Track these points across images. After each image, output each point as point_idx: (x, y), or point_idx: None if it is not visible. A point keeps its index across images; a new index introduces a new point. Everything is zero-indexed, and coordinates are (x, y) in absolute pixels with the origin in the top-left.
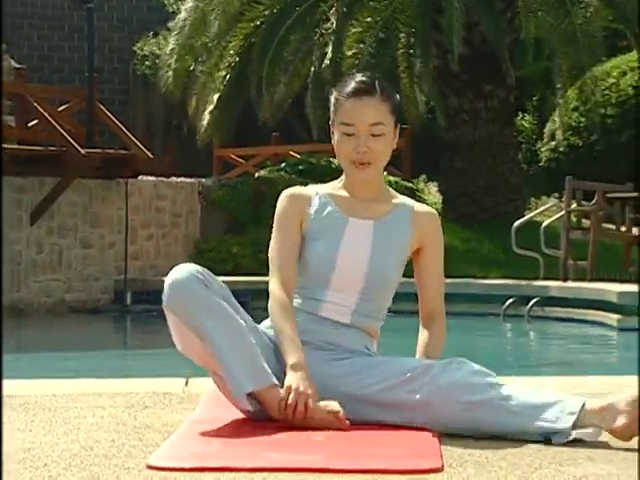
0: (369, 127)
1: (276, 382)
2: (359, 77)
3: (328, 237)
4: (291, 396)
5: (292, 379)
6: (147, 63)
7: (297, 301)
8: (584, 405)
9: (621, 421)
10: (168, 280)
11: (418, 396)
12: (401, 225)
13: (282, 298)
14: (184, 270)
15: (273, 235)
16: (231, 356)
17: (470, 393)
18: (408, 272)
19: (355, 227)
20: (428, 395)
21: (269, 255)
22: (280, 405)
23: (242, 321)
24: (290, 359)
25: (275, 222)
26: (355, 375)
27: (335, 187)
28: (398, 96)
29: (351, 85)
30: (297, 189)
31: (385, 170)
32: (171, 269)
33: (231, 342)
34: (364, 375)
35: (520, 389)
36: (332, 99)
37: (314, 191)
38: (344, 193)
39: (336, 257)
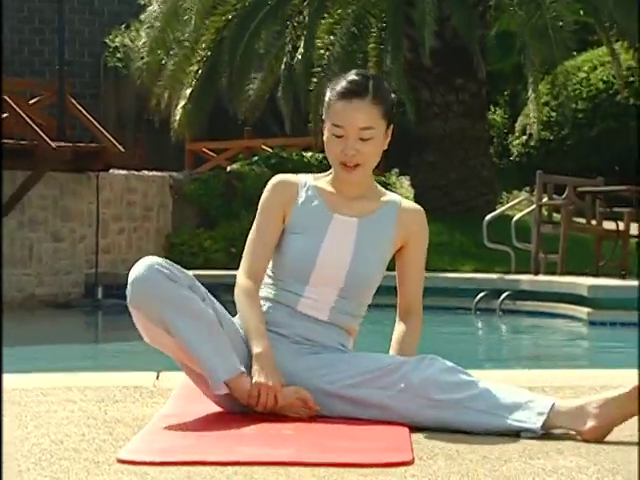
0: (358, 131)
1: (243, 370)
2: (352, 76)
3: (311, 232)
4: (260, 393)
5: (259, 372)
6: (118, 55)
7: (274, 292)
8: (554, 405)
9: (590, 424)
10: (131, 276)
11: (388, 392)
12: (386, 224)
13: (248, 286)
14: (146, 265)
15: (255, 220)
16: (202, 349)
17: (440, 391)
18: (389, 265)
19: (339, 224)
20: (398, 392)
21: (248, 239)
22: (250, 397)
23: (211, 310)
24: (255, 348)
25: (259, 208)
26: (326, 369)
27: (323, 180)
28: (393, 95)
29: (342, 85)
30: (286, 177)
31: None
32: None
33: (200, 334)
34: (335, 369)
35: (491, 387)
36: (326, 97)
37: (303, 181)
38: (331, 189)
39: (317, 254)
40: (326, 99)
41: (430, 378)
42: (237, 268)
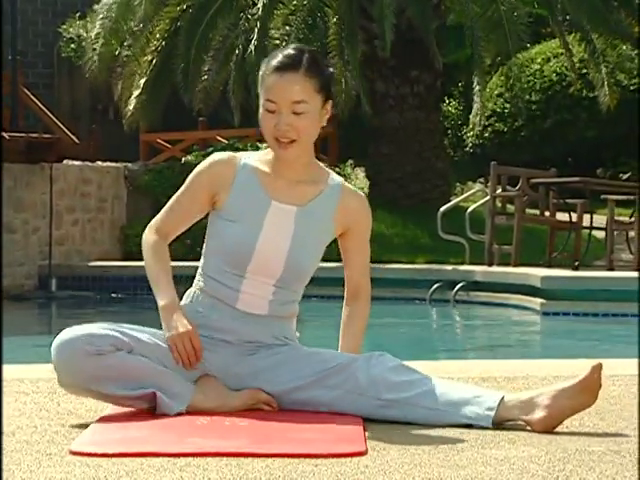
0: (291, 104)
1: (191, 395)
2: (288, 50)
3: (248, 220)
4: (177, 346)
5: (166, 327)
6: (72, 46)
7: (212, 286)
8: (503, 399)
9: (540, 414)
10: (53, 358)
11: (336, 392)
12: (325, 210)
13: (155, 239)
14: (66, 349)
15: (180, 191)
16: (142, 400)
17: (388, 391)
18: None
19: (277, 212)
20: (346, 392)
21: (169, 203)
22: (175, 359)
23: (139, 357)
24: (160, 301)
25: (188, 181)
26: (272, 372)
27: (263, 160)
28: (331, 69)
29: (277, 59)
30: (224, 157)
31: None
32: (97, 255)
33: (137, 389)
34: (281, 372)
35: (439, 384)
36: (261, 71)
37: (242, 161)
38: (271, 171)
39: (255, 244)
40: (260, 73)
41: (378, 377)
42: (193, 260)
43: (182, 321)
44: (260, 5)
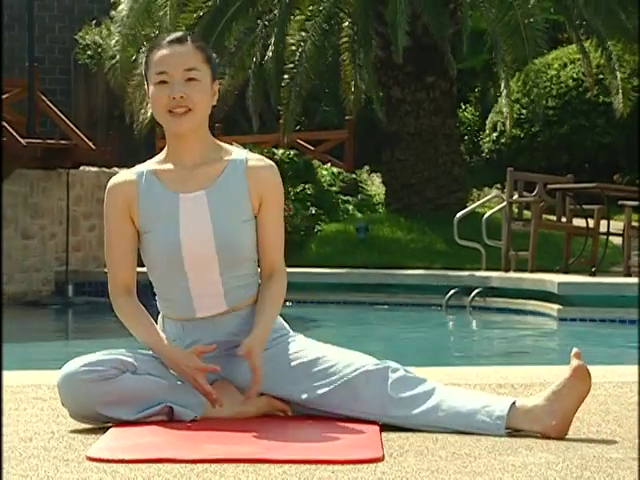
0: (183, 72)
1: (201, 410)
2: (171, 34)
3: (163, 222)
4: (197, 383)
5: (180, 374)
6: (89, 53)
7: (168, 311)
8: (512, 406)
9: (549, 422)
10: (60, 392)
11: (341, 411)
12: (235, 185)
13: (121, 302)
14: (71, 379)
15: (105, 235)
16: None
17: (395, 408)
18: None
19: (188, 202)
20: (349, 412)
21: (105, 256)
22: (211, 401)
23: (147, 376)
24: (165, 360)
25: (104, 222)
26: (277, 376)
27: (160, 160)
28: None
29: (163, 39)
30: (119, 178)
31: (328, 161)
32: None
33: (143, 412)
34: (284, 379)
35: (447, 395)
36: (143, 60)
37: (140, 172)
38: (170, 165)
39: (179, 241)
40: (144, 60)
41: (383, 394)
42: None
43: (188, 358)
44: (277, 11)
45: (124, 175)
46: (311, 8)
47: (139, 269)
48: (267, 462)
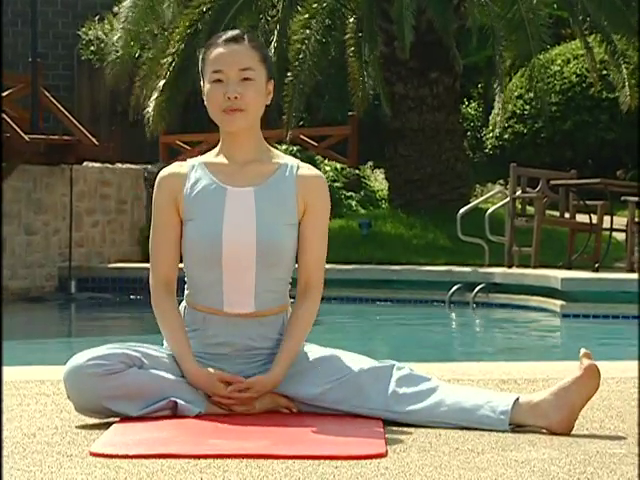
0: (238, 72)
1: (203, 407)
2: (228, 32)
3: (208, 213)
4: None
5: (206, 391)
6: (92, 48)
7: (198, 296)
8: (516, 402)
9: (555, 417)
10: (66, 386)
11: (342, 406)
12: (285, 187)
13: (159, 297)
14: (77, 373)
15: (152, 225)
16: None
17: (397, 403)
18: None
19: (235, 196)
20: (352, 407)
21: (149, 248)
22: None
23: (151, 370)
24: (186, 375)
25: (152, 210)
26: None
27: (213, 154)
28: (271, 54)
29: (219, 37)
30: (172, 168)
31: (331, 157)
32: (116, 257)
33: (148, 407)
34: (292, 381)
35: (449, 393)
36: (200, 57)
37: (191, 164)
38: (222, 159)
39: (221, 232)
40: (201, 58)
41: (387, 390)
42: None
43: (209, 379)
44: (280, 7)
45: (175, 167)
46: (315, 5)
47: (181, 265)
48: (270, 457)
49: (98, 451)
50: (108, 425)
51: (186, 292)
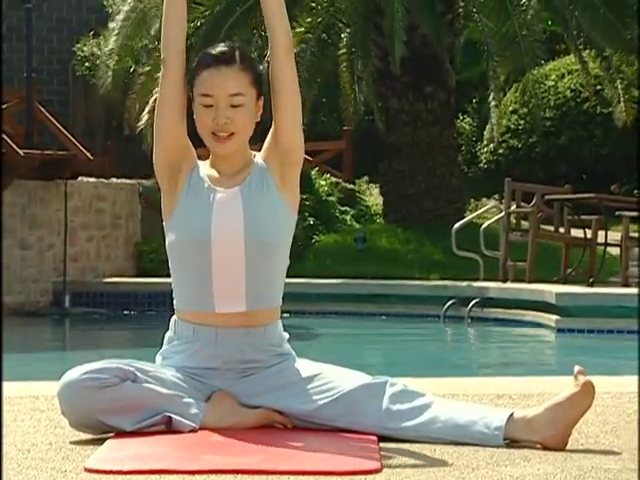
0: (228, 97)
1: (198, 422)
2: (219, 47)
3: (197, 207)
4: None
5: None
6: (87, 64)
7: (184, 306)
8: (510, 417)
9: (549, 432)
10: (61, 400)
11: (339, 424)
12: (263, 176)
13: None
14: (72, 387)
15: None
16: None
17: (393, 420)
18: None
19: (223, 196)
20: (347, 424)
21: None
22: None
23: (145, 384)
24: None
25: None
26: (277, 392)
27: (206, 164)
28: (261, 67)
29: (209, 55)
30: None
31: (326, 172)
32: (111, 272)
33: (139, 422)
34: (284, 395)
35: (444, 408)
36: (191, 68)
37: (199, 162)
38: (212, 172)
39: (210, 223)
40: (191, 69)
41: (381, 406)
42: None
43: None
44: None
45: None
46: (309, 20)
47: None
48: (265, 473)
49: (92, 467)
50: (102, 441)
51: (175, 302)
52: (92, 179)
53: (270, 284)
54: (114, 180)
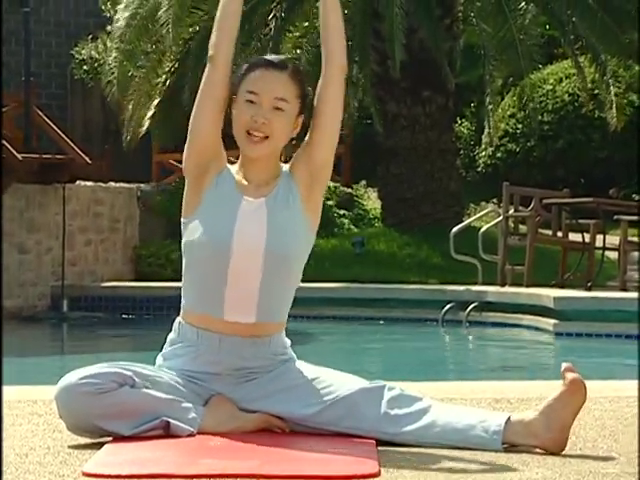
0: (273, 100)
1: (196, 426)
2: (275, 56)
3: (222, 212)
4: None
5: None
6: (85, 68)
7: (192, 308)
8: (508, 421)
9: (547, 435)
10: (58, 405)
11: (337, 428)
12: (288, 189)
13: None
14: (69, 392)
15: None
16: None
17: (389, 425)
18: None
19: (249, 205)
20: (344, 429)
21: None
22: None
23: (143, 389)
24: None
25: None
26: (276, 396)
27: (233, 168)
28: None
29: (264, 59)
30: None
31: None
32: (109, 276)
33: (140, 426)
34: (284, 399)
35: (442, 413)
36: (239, 73)
37: (227, 166)
38: (240, 177)
39: (233, 231)
40: (238, 75)
41: (379, 411)
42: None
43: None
44: (272, 26)
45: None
46: (306, 24)
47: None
48: (263, 477)
49: (90, 471)
50: (100, 445)
51: (182, 303)
52: (90, 183)
53: (282, 299)
54: (112, 184)
